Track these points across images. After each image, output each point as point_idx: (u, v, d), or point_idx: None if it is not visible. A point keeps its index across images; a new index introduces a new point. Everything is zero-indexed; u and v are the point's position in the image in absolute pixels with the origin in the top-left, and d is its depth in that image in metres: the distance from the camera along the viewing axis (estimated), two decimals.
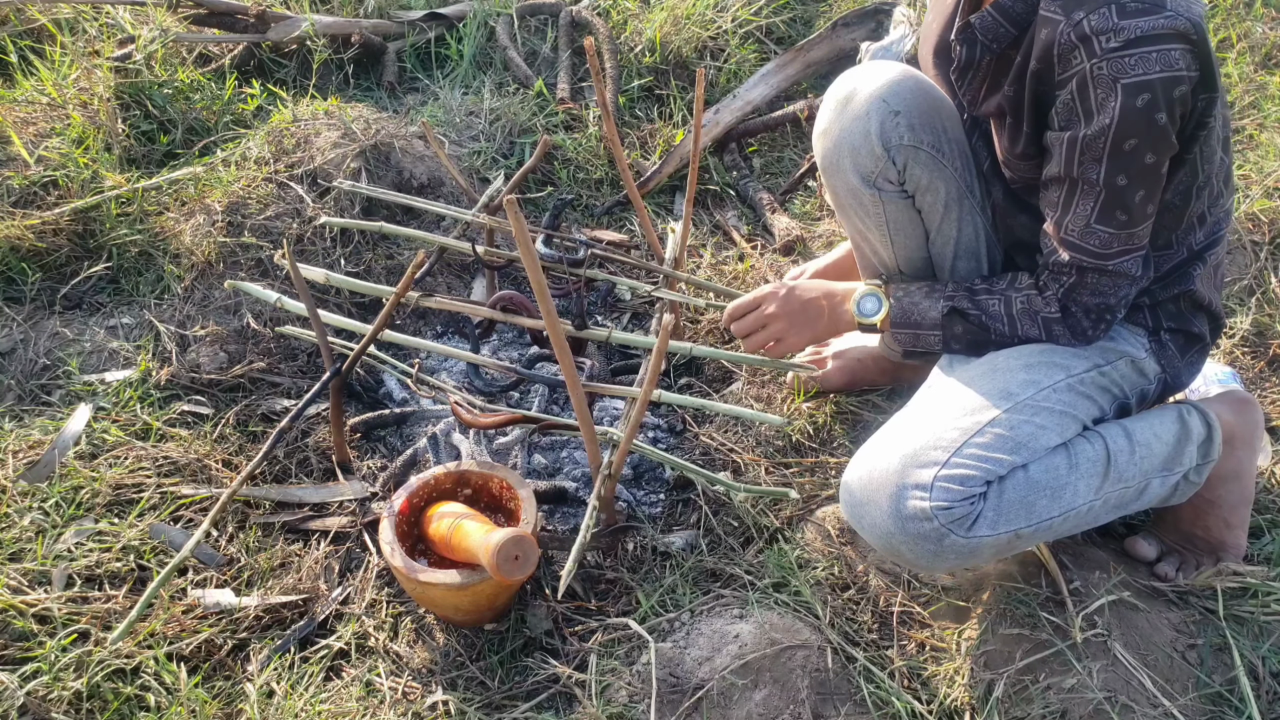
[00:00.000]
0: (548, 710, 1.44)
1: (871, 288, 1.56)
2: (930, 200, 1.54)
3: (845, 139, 1.52)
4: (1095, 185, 1.27)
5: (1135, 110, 1.19)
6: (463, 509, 1.53)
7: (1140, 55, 1.17)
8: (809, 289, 1.65)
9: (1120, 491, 1.37)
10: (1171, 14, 1.18)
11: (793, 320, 1.63)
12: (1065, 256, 1.34)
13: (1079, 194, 1.29)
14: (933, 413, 1.36)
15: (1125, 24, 1.18)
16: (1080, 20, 1.21)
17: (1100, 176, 1.26)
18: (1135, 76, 1.18)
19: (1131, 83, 1.18)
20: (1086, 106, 1.23)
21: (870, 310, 1.55)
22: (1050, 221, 1.36)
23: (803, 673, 1.37)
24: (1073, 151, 1.26)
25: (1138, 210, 1.27)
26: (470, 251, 1.99)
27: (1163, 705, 1.33)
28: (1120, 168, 1.24)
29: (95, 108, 2.43)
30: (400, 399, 2.04)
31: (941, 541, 1.26)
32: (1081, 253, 1.33)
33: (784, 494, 1.65)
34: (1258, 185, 2.23)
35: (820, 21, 3.13)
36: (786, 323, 1.64)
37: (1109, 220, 1.29)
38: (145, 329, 2.07)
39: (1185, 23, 1.18)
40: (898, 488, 1.28)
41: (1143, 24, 1.18)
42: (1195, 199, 1.36)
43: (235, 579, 1.62)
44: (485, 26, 3.06)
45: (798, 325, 1.64)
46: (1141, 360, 1.45)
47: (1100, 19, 1.19)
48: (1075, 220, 1.31)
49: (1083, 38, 1.20)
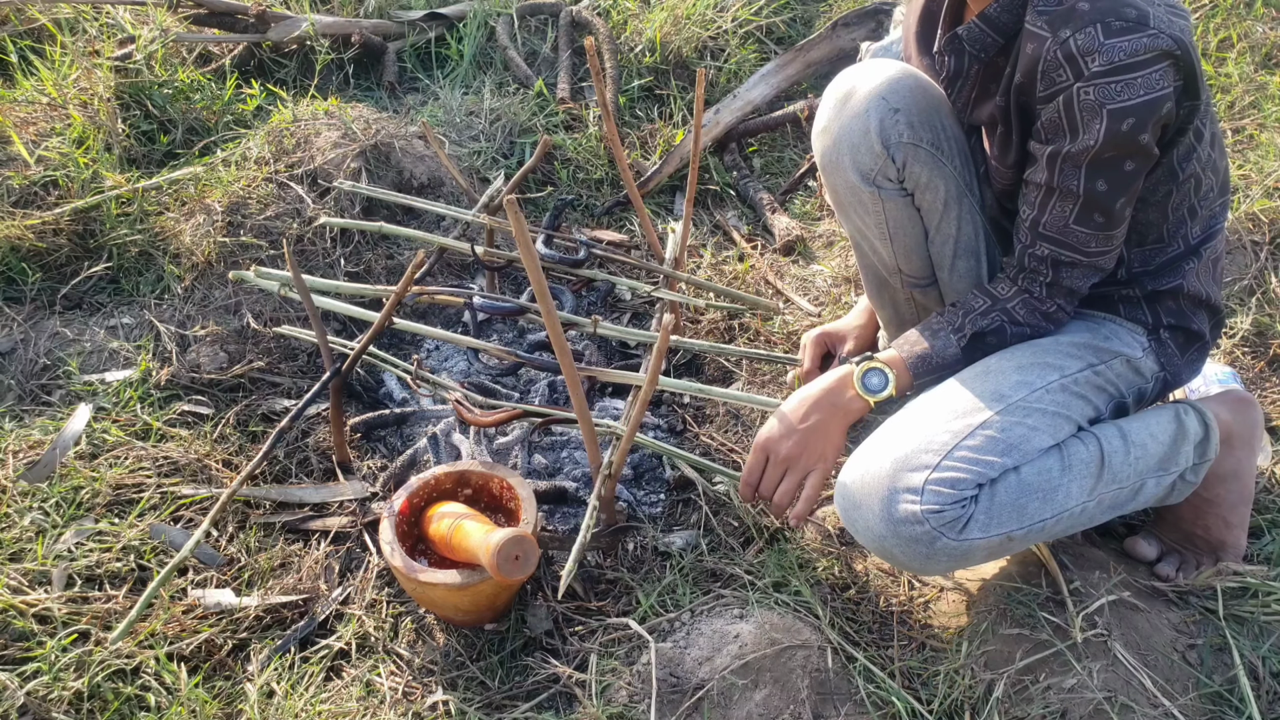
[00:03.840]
0: (548, 710, 1.44)
1: (866, 365, 1.44)
2: (930, 198, 1.54)
3: (845, 137, 1.52)
4: (1074, 192, 1.30)
5: (1120, 133, 1.22)
6: (463, 509, 1.53)
7: (1126, 82, 1.19)
8: (794, 410, 1.45)
9: (1115, 492, 1.37)
10: (1154, 32, 1.19)
11: (807, 446, 1.44)
12: (1043, 251, 1.37)
13: (1057, 197, 1.32)
14: (925, 416, 1.36)
15: (1110, 44, 1.19)
16: (1067, 39, 1.21)
17: (1080, 184, 1.29)
18: (1121, 102, 1.20)
19: (1117, 108, 1.21)
20: (1072, 125, 1.25)
21: (878, 386, 1.43)
22: (1028, 218, 1.38)
23: (803, 673, 1.37)
24: (1054, 163, 1.29)
25: (1116, 213, 1.31)
26: (470, 252, 1.99)
27: (1163, 705, 1.33)
28: (1099, 175, 1.27)
29: (95, 108, 2.43)
30: (400, 399, 2.04)
31: (933, 544, 1.26)
32: (1060, 247, 1.36)
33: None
34: (1258, 185, 2.23)
35: (820, 21, 3.13)
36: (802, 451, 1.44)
37: (1087, 222, 1.32)
38: (145, 329, 2.07)
39: (1168, 41, 1.19)
40: (889, 491, 1.28)
41: (1127, 45, 1.19)
42: (1176, 193, 1.37)
43: (235, 579, 1.62)
44: (485, 26, 3.07)
45: (814, 446, 1.44)
46: (1138, 360, 1.44)
47: (1086, 38, 1.20)
48: (1053, 220, 1.34)
49: (1069, 57, 1.22)
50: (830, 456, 1.44)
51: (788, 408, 1.45)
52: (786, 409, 1.45)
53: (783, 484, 1.43)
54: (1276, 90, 2.57)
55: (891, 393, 1.43)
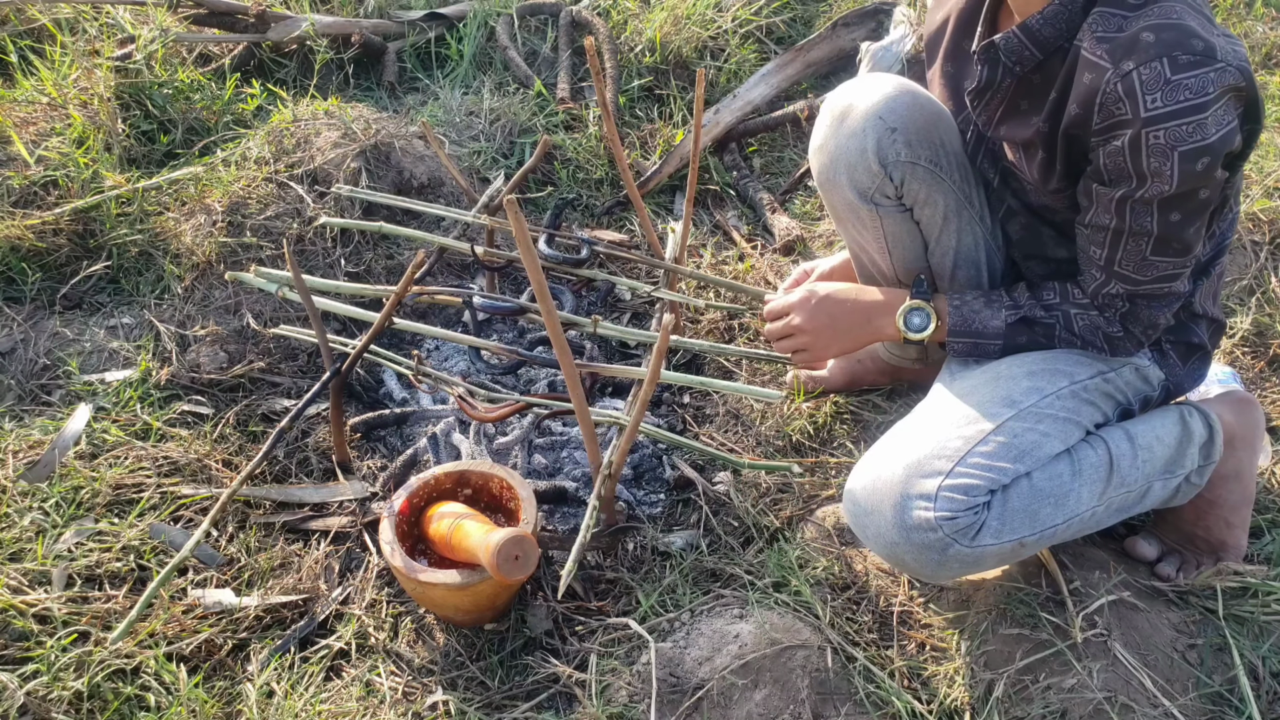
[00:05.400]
0: (548, 710, 1.44)
1: (917, 302, 1.50)
2: (929, 213, 1.53)
3: (841, 156, 1.51)
4: (1149, 230, 1.24)
5: (1194, 173, 1.16)
6: (463, 509, 1.53)
7: (1197, 123, 1.13)
8: (841, 300, 1.57)
9: (1123, 495, 1.37)
10: (1222, 65, 1.13)
11: (819, 334, 1.57)
12: (1119, 289, 1.33)
13: (1129, 236, 1.26)
14: (936, 421, 1.35)
15: (1178, 80, 1.13)
16: (1130, 72, 1.15)
17: (1154, 222, 1.23)
18: (1193, 144, 1.14)
19: (1189, 150, 1.14)
20: (1139, 169, 1.19)
21: (919, 325, 1.49)
22: (1100, 257, 1.32)
23: (803, 673, 1.37)
24: (1124, 207, 1.24)
25: (1193, 238, 1.26)
26: (470, 252, 1.99)
27: (1163, 705, 1.33)
28: (1173, 209, 1.22)
29: (95, 108, 2.43)
30: (400, 399, 2.04)
31: (945, 551, 1.25)
32: (1137, 284, 1.31)
33: (787, 468, 1.68)
34: (1258, 185, 2.23)
35: (820, 21, 3.13)
36: (812, 336, 1.58)
37: (1165, 252, 1.27)
38: (145, 329, 2.07)
39: (1235, 74, 1.14)
40: (902, 497, 1.27)
41: (1194, 83, 1.12)
42: (1217, 218, 1.35)
43: (235, 579, 1.62)
44: (485, 26, 3.07)
45: (824, 339, 1.58)
46: (1145, 367, 1.44)
47: (1151, 73, 1.13)
48: (1129, 258, 1.29)
49: (1129, 92, 1.15)
50: (822, 357, 1.62)
51: (839, 295, 1.57)
52: (837, 295, 1.57)
53: (785, 341, 1.62)
54: (1276, 90, 2.57)
55: (925, 338, 1.49)
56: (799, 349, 1.61)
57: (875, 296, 1.55)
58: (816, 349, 1.60)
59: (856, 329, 1.56)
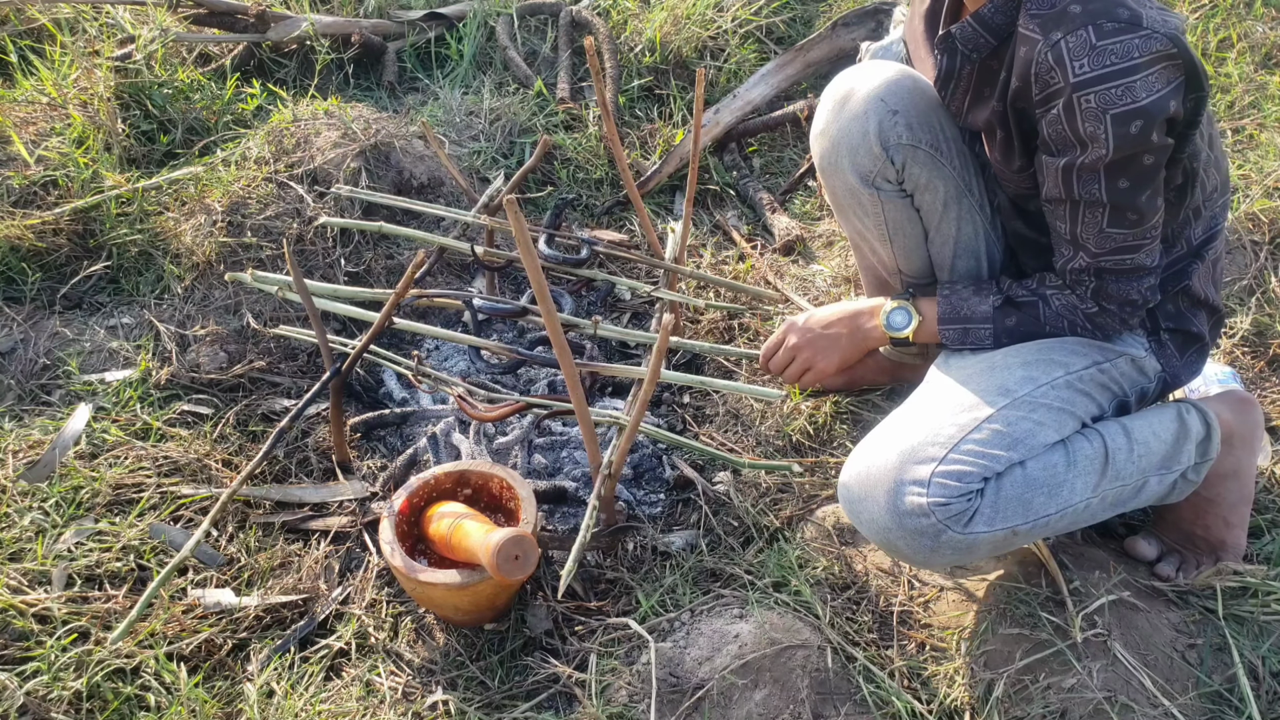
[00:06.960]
0: (548, 710, 1.44)
1: (899, 302, 1.57)
2: (929, 199, 1.54)
3: (843, 139, 1.52)
4: (1099, 199, 1.27)
5: (1129, 136, 1.20)
6: (463, 509, 1.53)
7: (1125, 86, 1.17)
8: (826, 314, 1.70)
9: (1118, 489, 1.37)
10: (1148, 32, 1.17)
11: (816, 347, 1.69)
12: (1083, 262, 1.36)
13: (1084, 208, 1.30)
14: (931, 409, 1.36)
15: (1103, 45, 1.17)
16: (1058, 41, 1.20)
17: (1102, 190, 1.26)
18: (1123, 106, 1.18)
19: (1120, 112, 1.18)
20: (1077, 135, 1.23)
21: (900, 324, 1.57)
22: (1064, 231, 1.36)
23: (803, 673, 1.37)
24: (1069, 176, 1.27)
25: (1146, 206, 1.28)
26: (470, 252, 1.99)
27: (1163, 705, 1.33)
28: (1119, 176, 1.25)
29: (95, 108, 2.43)
30: (400, 399, 2.04)
31: (938, 537, 1.26)
32: (1099, 256, 1.34)
33: (786, 468, 1.69)
34: (1258, 185, 2.23)
35: (820, 21, 3.13)
36: (811, 351, 1.70)
37: (1121, 222, 1.29)
38: (145, 329, 2.07)
39: (1162, 40, 1.17)
40: (895, 483, 1.28)
41: (1119, 47, 1.17)
42: (1190, 194, 1.36)
43: (235, 579, 1.62)
44: (485, 26, 3.07)
45: (823, 351, 1.69)
46: (1142, 359, 1.45)
47: (1078, 40, 1.19)
48: (1087, 230, 1.32)
49: (1059, 60, 1.20)
50: (827, 369, 1.70)
51: (822, 311, 1.70)
52: (821, 311, 1.71)
53: (790, 368, 1.73)
54: (1276, 90, 2.57)
55: (909, 334, 1.55)
56: (804, 368, 1.71)
57: (859, 304, 1.66)
58: (818, 363, 1.70)
59: (846, 335, 1.66)
